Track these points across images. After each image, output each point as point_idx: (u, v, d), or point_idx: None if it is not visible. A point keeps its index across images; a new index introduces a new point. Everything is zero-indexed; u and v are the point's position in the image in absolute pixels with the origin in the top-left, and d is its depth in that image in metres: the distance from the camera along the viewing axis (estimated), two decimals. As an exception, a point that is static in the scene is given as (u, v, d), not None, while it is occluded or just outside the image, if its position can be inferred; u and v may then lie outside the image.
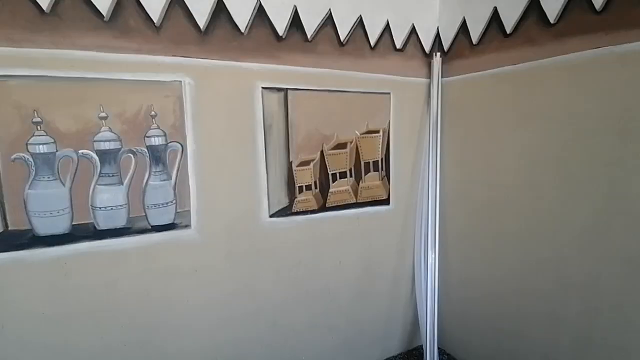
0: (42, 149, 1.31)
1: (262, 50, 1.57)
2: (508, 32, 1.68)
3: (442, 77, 2.00)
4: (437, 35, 2.01)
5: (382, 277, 2.11)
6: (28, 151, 1.28)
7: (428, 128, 2.04)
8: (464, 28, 1.88)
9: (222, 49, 1.50)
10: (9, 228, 1.28)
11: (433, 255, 2.03)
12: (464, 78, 1.91)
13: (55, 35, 1.26)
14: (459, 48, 1.92)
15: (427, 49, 1.99)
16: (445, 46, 1.99)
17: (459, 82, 1.94)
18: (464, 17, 1.88)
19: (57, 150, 1.33)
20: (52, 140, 1.32)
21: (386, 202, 2.04)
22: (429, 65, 2.01)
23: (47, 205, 1.33)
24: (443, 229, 2.08)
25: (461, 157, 1.98)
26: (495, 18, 1.73)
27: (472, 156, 1.92)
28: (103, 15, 1.31)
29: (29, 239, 1.32)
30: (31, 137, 1.28)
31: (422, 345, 2.13)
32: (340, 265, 1.96)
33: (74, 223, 1.37)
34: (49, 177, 1.33)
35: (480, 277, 1.96)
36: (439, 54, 1.98)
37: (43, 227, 1.34)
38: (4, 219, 1.28)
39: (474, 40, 1.84)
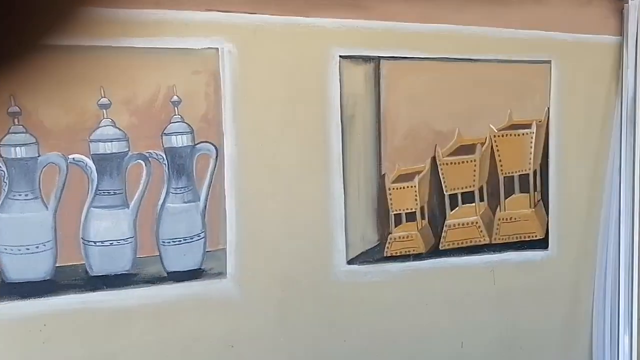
0: (19, 152, 1.08)
1: (341, -2, 1.27)
2: None
3: (644, 32, 1.45)
4: (637, -40, 1.49)
5: (537, 370, 1.60)
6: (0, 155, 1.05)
7: (619, 119, 1.52)
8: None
9: (280, -2, 1.24)
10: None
11: (629, 340, 1.52)
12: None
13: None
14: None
15: (618, -15, 1.48)
16: (653, -22, 1.44)
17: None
18: None
19: (39, 155, 1.09)
20: (33, 140, 1.08)
21: (542, 243, 1.57)
22: (621, 13, 1.48)
23: (23, 236, 1.11)
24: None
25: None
26: None
27: None
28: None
29: (-7, 287, 1.11)
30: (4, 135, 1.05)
31: None
32: (463, 349, 1.51)
33: (57, 264, 1.14)
34: (26, 195, 1.11)
35: None
36: (640, -7, 1.45)
37: (15, 270, 1.11)
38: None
39: None
